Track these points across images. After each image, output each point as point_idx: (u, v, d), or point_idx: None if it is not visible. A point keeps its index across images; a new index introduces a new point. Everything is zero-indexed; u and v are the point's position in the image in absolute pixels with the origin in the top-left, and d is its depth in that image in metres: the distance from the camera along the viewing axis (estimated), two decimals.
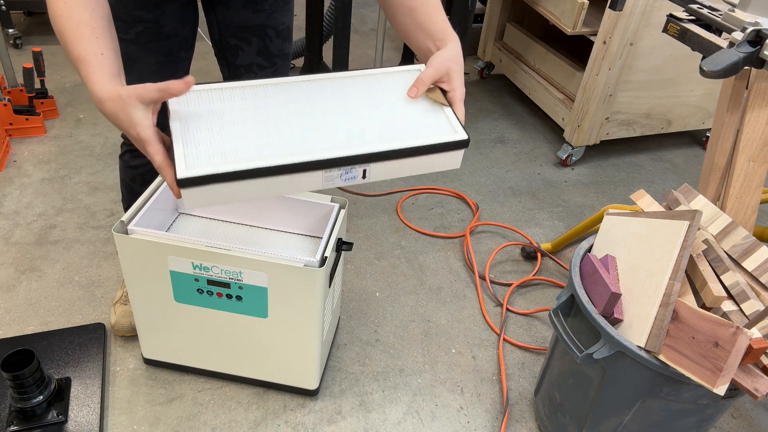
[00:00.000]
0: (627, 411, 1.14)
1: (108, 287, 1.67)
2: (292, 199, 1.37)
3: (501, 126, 2.69)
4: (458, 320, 1.71)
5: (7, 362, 1.23)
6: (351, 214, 2.08)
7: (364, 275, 1.83)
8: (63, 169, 2.11)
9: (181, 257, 1.20)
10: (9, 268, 1.70)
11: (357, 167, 0.92)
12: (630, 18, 2.03)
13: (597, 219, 1.78)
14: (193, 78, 0.89)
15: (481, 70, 3.05)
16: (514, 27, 2.80)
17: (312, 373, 1.39)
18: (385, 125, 0.95)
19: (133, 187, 1.49)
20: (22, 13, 3.19)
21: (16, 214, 1.90)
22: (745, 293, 1.01)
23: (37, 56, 2.19)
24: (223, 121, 0.93)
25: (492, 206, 2.19)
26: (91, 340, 1.49)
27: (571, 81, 2.45)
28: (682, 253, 1.03)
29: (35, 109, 2.28)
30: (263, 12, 1.29)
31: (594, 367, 1.15)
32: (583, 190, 2.34)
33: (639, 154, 2.61)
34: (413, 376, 1.54)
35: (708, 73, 1.10)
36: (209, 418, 1.38)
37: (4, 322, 1.55)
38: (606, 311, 1.09)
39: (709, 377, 0.93)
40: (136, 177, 1.46)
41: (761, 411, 1.55)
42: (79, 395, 1.36)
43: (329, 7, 2.64)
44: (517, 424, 1.45)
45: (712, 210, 1.15)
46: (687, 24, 1.30)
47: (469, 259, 1.92)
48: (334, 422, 1.40)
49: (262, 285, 1.22)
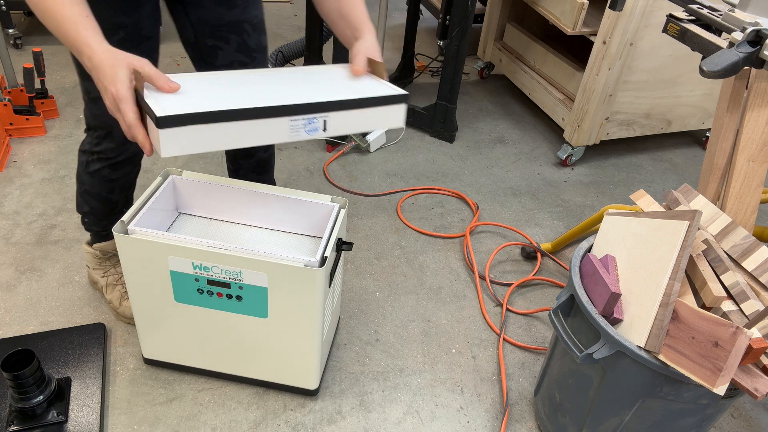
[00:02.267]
0: (627, 411, 1.14)
1: None
2: (292, 199, 1.37)
3: (501, 126, 2.69)
4: (458, 320, 1.71)
5: (7, 362, 1.23)
6: (351, 214, 2.08)
7: (364, 275, 1.83)
8: (63, 169, 2.11)
9: (181, 257, 1.20)
10: (9, 268, 1.71)
11: (318, 117, 1.03)
12: (630, 18, 2.03)
13: (597, 219, 1.78)
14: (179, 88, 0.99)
15: (481, 70, 3.05)
16: (514, 27, 2.80)
17: (312, 373, 1.39)
18: (338, 88, 1.11)
19: (110, 198, 1.45)
20: (22, 13, 3.19)
21: (17, 214, 1.90)
22: (745, 293, 1.01)
23: (38, 56, 2.19)
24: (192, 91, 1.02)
25: (492, 206, 2.19)
26: (91, 340, 1.49)
27: (571, 81, 2.45)
28: (682, 253, 1.03)
29: (35, 109, 2.28)
30: (237, 7, 1.29)
31: (594, 367, 1.16)
32: (583, 190, 2.34)
33: (639, 154, 2.61)
34: (413, 376, 1.54)
35: (708, 73, 1.10)
36: (209, 418, 1.38)
37: (4, 322, 1.55)
38: (606, 311, 1.10)
39: (709, 377, 0.93)
40: (115, 188, 1.44)
41: (761, 411, 1.55)
42: (79, 395, 1.36)
43: None
44: (517, 423, 1.45)
45: (711, 210, 1.15)
46: (687, 24, 1.30)
47: (469, 259, 1.92)
48: (334, 422, 1.40)
49: (262, 285, 1.22)
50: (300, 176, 2.23)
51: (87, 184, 1.43)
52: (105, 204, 1.46)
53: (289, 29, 3.40)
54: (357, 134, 2.37)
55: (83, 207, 1.48)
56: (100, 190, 1.43)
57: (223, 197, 1.40)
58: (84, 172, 1.41)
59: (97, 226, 1.52)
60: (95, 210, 1.48)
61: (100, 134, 1.34)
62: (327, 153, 2.37)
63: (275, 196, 1.37)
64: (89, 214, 1.50)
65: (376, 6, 3.87)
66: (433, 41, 3.42)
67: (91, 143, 1.36)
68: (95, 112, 1.30)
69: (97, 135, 1.34)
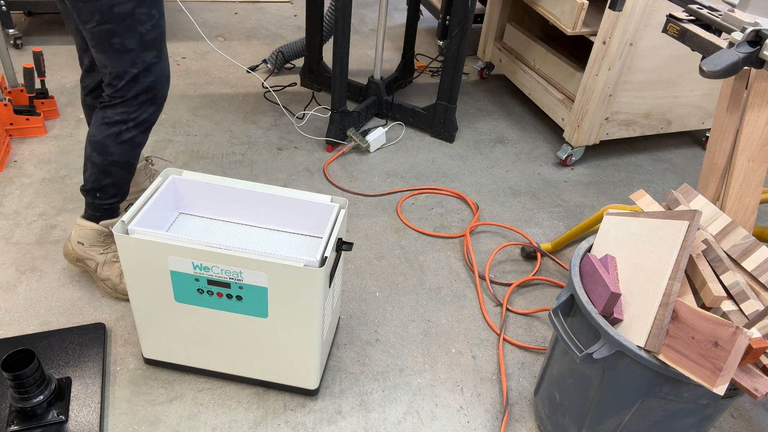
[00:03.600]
0: (627, 411, 1.14)
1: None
2: (292, 199, 1.37)
3: (501, 126, 2.69)
4: (458, 320, 1.71)
5: (7, 362, 1.23)
6: (351, 214, 2.08)
7: (364, 275, 1.83)
8: (63, 169, 2.12)
9: (181, 257, 1.21)
10: (9, 268, 1.71)
11: None
12: (630, 18, 2.03)
13: (597, 219, 1.78)
14: None
15: (481, 70, 3.05)
16: (514, 27, 2.80)
17: (312, 372, 1.39)
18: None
19: (135, 164, 1.54)
20: (22, 13, 3.19)
21: (17, 214, 1.90)
22: (745, 293, 1.02)
23: (38, 56, 2.19)
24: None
25: (492, 206, 2.19)
26: (91, 339, 1.49)
27: (570, 81, 2.45)
28: (682, 253, 1.03)
29: (36, 109, 2.28)
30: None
31: (594, 367, 1.16)
32: (583, 190, 2.34)
33: (639, 154, 2.61)
34: (413, 375, 1.54)
35: (708, 73, 1.10)
36: (209, 418, 1.38)
37: (4, 322, 1.55)
38: (606, 311, 1.10)
39: (708, 377, 0.93)
40: (140, 152, 1.53)
41: (761, 411, 1.55)
42: (80, 395, 1.36)
43: (329, 7, 2.65)
44: (516, 423, 1.45)
45: (711, 210, 1.15)
46: (687, 24, 1.30)
47: (469, 259, 1.92)
48: (334, 422, 1.40)
49: (262, 285, 1.22)
50: (300, 176, 2.23)
51: (116, 155, 1.48)
52: (130, 171, 1.54)
53: (289, 29, 3.41)
54: (357, 134, 2.38)
55: (104, 180, 1.52)
56: (130, 158, 1.51)
57: (223, 197, 1.40)
58: (114, 143, 1.47)
59: (113, 198, 1.56)
60: (118, 181, 1.53)
61: (143, 99, 1.44)
62: (327, 153, 2.37)
63: (275, 196, 1.37)
64: (109, 187, 1.53)
65: (376, 6, 3.87)
66: (433, 41, 3.42)
67: (129, 111, 1.44)
68: (146, 80, 1.41)
69: (139, 102, 1.43)
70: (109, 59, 1.37)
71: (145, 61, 1.39)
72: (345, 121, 2.38)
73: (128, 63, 1.38)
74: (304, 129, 2.51)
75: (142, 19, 1.34)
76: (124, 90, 1.41)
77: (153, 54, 1.40)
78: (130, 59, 1.37)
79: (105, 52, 1.36)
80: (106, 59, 1.37)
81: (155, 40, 1.39)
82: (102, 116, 1.45)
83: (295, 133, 2.47)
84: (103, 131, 1.46)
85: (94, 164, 1.49)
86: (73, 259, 1.62)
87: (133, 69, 1.39)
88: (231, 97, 2.68)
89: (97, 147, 1.47)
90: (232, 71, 2.89)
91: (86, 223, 1.58)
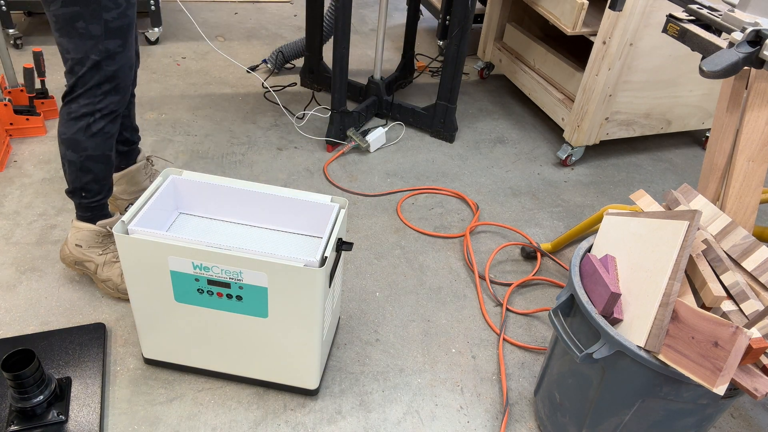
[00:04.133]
0: (627, 411, 1.14)
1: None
2: (292, 199, 1.37)
3: (501, 126, 2.69)
4: (458, 320, 1.71)
5: (7, 362, 1.23)
6: (351, 214, 2.08)
7: (364, 275, 1.83)
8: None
9: (181, 257, 1.21)
10: (9, 268, 1.71)
11: None
12: (630, 18, 2.03)
13: (597, 219, 1.78)
14: None
15: (481, 70, 3.05)
16: (514, 27, 2.80)
17: (312, 372, 1.39)
18: None
19: (110, 155, 1.51)
20: (22, 13, 3.19)
21: (17, 214, 1.90)
22: (745, 293, 1.02)
23: (38, 56, 2.20)
24: None
25: (492, 206, 2.19)
26: (91, 340, 1.49)
27: (570, 81, 2.45)
28: (682, 253, 1.03)
29: (36, 109, 2.28)
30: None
31: (594, 367, 1.16)
32: (583, 190, 2.34)
33: (639, 154, 2.61)
34: (413, 375, 1.54)
35: (708, 73, 1.10)
36: (209, 418, 1.38)
37: (4, 322, 1.55)
38: (606, 311, 1.10)
39: (708, 377, 0.93)
40: (113, 143, 1.50)
41: (761, 411, 1.55)
42: (80, 395, 1.36)
43: (329, 7, 2.64)
44: (516, 423, 1.45)
45: (711, 210, 1.15)
46: (687, 24, 1.30)
47: (469, 259, 1.92)
48: (334, 422, 1.40)
49: (262, 285, 1.22)
50: (300, 176, 2.23)
51: (90, 149, 1.47)
52: (107, 163, 1.51)
53: (289, 29, 3.41)
54: (357, 134, 2.38)
55: (84, 178, 1.50)
56: (104, 150, 1.49)
57: (223, 197, 1.40)
58: (85, 138, 1.45)
59: (98, 195, 1.54)
60: (97, 175, 1.51)
61: (106, 89, 1.42)
62: (327, 153, 2.37)
63: (275, 196, 1.37)
64: (91, 183, 1.51)
65: (376, 6, 3.87)
66: (433, 41, 3.42)
67: (94, 102, 1.42)
68: (109, 68, 1.39)
69: (103, 91, 1.41)
70: (72, 43, 1.35)
71: (108, 49, 1.37)
72: (345, 121, 2.38)
73: (91, 49, 1.35)
74: (304, 129, 2.51)
75: (109, 5, 1.32)
76: (86, 77, 1.39)
77: (118, 42, 1.38)
78: (93, 45, 1.35)
79: (68, 35, 1.33)
80: (69, 43, 1.35)
81: (121, 29, 1.37)
82: (67, 112, 1.43)
83: (295, 133, 2.47)
84: (72, 127, 1.44)
85: (71, 162, 1.48)
86: (71, 262, 1.62)
87: (95, 56, 1.36)
88: (231, 97, 2.68)
89: (70, 144, 1.45)
90: (232, 71, 2.89)
91: (83, 225, 1.57)
